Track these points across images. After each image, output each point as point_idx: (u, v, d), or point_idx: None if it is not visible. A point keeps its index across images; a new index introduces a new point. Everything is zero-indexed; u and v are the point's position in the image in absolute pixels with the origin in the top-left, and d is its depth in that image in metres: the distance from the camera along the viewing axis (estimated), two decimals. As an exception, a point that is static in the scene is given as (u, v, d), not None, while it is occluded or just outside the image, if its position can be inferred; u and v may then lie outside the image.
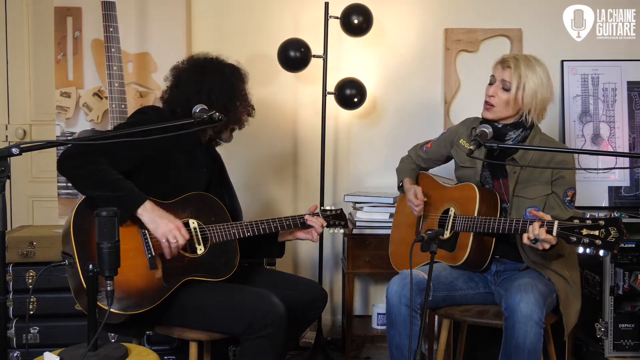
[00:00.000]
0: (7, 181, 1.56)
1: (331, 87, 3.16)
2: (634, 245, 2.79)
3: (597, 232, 1.86)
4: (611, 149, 3.25)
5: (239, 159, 3.44)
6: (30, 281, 2.77)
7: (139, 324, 2.06)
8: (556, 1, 3.39)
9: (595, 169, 3.19)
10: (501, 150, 2.31)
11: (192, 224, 2.14)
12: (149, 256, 2.03)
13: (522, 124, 2.27)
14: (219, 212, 2.23)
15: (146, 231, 2.04)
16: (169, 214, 2.04)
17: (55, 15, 3.20)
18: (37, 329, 2.78)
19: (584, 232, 1.88)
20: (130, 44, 3.21)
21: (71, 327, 2.75)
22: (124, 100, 3.20)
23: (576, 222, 1.91)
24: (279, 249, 2.47)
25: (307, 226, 2.37)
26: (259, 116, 3.40)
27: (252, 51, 3.40)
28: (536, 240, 1.98)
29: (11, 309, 2.76)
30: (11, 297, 2.76)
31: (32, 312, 2.77)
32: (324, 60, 3.12)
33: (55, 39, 3.21)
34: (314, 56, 3.10)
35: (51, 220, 3.33)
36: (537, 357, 2.01)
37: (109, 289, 1.63)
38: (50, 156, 3.24)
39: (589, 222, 1.89)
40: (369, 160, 3.48)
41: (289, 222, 2.32)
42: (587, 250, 1.88)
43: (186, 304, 2.06)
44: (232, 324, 2.03)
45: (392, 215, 2.85)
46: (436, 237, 1.91)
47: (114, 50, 3.19)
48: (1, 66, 3.50)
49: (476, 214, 2.24)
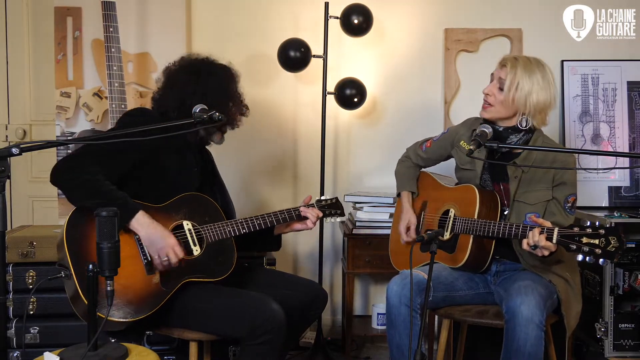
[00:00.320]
0: (7, 181, 1.57)
1: (331, 87, 3.16)
2: (634, 245, 2.79)
3: (597, 241, 1.86)
4: (611, 149, 3.25)
5: (239, 159, 3.44)
6: (30, 281, 2.77)
7: (139, 328, 2.06)
8: (556, 1, 3.39)
9: (595, 169, 3.19)
10: (503, 155, 2.30)
11: (187, 225, 2.13)
12: (145, 262, 2.02)
13: (522, 127, 2.24)
14: (212, 212, 2.22)
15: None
16: (164, 229, 2.02)
17: (55, 15, 3.20)
18: (37, 329, 2.77)
19: (584, 240, 1.88)
20: (130, 44, 3.21)
21: (71, 327, 2.74)
22: (124, 100, 3.20)
23: (576, 230, 1.90)
24: (276, 243, 2.46)
25: (302, 218, 2.34)
26: (259, 116, 3.43)
27: (252, 51, 3.40)
28: (535, 246, 1.97)
29: (11, 309, 2.75)
30: (11, 297, 2.75)
31: (32, 312, 2.77)
32: (324, 60, 3.12)
33: (55, 39, 3.21)
34: (314, 56, 3.10)
35: (51, 220, 3.33)
36: (539, 359, 2.01)
37: (109, 289, 1.63)
38: (50, 156, 3.24)
39: (589, 230, 1.88)
40: (369, 160, 3.48)
41: (284, 216, 2.30)
42: (587, 258, 1.87)
43: (186, 307, 2.06)
44: (232, 329, 2.03)
45: (392, 215, 2.85)
46: (436, 238, 1.91)
47: (114, 50, 3.19)
48: (1, 66, 3.50)
49: (476, 216, 2.24)
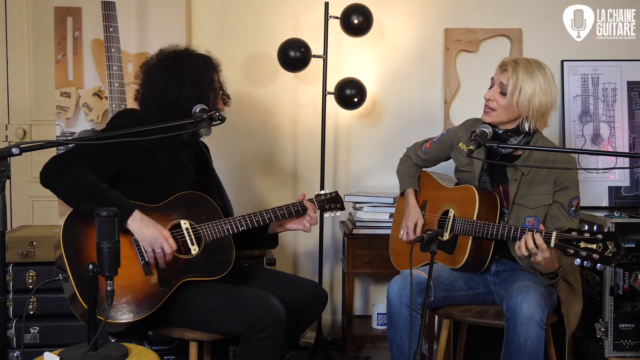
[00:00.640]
0: (7, 181, 1.57)
1: (331, 87, 3.16)
2: (634, 245, 2.79)
3: (594, 246, 1.86)
4: (611, 149, 3.25)
5: (239, 159, 3.44)
6: (30, 281, 2.77)
7: (139, 329, 2.06)
8: (556, 1, 3.39)
9: (595, 169, 3.20)
10: (503, 158, 2.29)
11: (184, 224, 2.12)
12: (143, 262, 2.02)
13: (524, 130, 2.23)
14: (210, 210, 2.21)
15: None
16: (157, 224, 2.02)
17: (55, 15, 3.20)
18: (37, 329, 2.78)
19: (582, 245, 1.88)
20: (130, 44, 3.21)
21: (71, 327, 2.74)
22: (124, 100, 3.20)
23: (574, 234, 1.90)
24: (273, 240, 2.45)
25: (298, 215, 2.33)
26: (259, 116, 3.44)
27: (252, 51, 3.40)
28: (529, 256, 1.97)
29: (11, 309, 2.76)
30: (11, 297, 2.76)
31: (32, 312, 2.77)
32: (324, 60, 3.12)
33: (55, 39, 3.21)
34: (314, 56, 3.10)
35: (51, 220, 3.33)
36: (539, 358, 2.01)
37: (109, 289, 1.63)
38: (50, 156, 3.22)
39: (587, 235, 1.88)
40: (369, 160, 3.48)
41: (283, 212, 2.29)
42: (585, 263, 1.87)
43: (186, 306, 2.06)
44: (232, 326, 2.02)
45: (392, 215, 2.85)
46: (436, 238, 1.91)
47: (114, 50, 3.19)
48: (1, 66, 3.50)
49: (475, 217, 2.24)
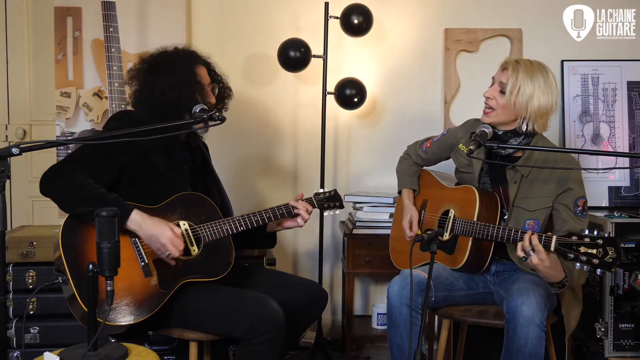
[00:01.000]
0: (7, 181, 1.57)
1: (331, 87, 3.15)
2: (634, 245, 2.79)
3: (594, 251, 1.86)
4: (611, 149, 3.25)
5: (239, 159, 3.44)
6: (30, 281, 2.77)
7: (139, 331, 2.06)
8: (556, 1, 3.39)
9: (595, 169, 3.20)
10: (502, 159, 2.29)
11: (183, 225, 2.12)
12: (142, 264, 2.02)
13: (522, 131, 2.21)
14: (209, 210, 2.21)
15: (137, 239, 2.03)
16: (160, 221, 2.01)
17: (55, 15, 3.20)
18: (37, 329, 2.77)
19: (582, 249, 1.88)
20: (130, 44, 3.21)
21: (71, 327, 2.74)
22: (124, 100, 3.20)
23: (574, 238, 1.90)
24: (271, 239, 2.45)
25: (296, 214, 2.33)
26: (259, 116, 3.44)
27: (252, 51, 3.40)
28: (526, 257, 1.97)
29: (11, 309, 2.76)
30: (11, 297, 2.76)
31: (32, 312, 2.77)
32: (324, 60, 3.12)
33: (55, 39, 3.21)
34: (314, 56, 3.10)
35: (51, 220, 3.33)
36: (539, 359, 2.00)
37: (109, 289, 1.63)
38: (50, 156, 3.24)
39: (587, 240, 1.87)
40: (369, 160, 3.48)
41: (282, 211, 2.29)
42: (585, 267, 1.88)
43: (186, 307, 2.06)
44: (232, 329, 2.02)
45: (392, 215, 2.85)
46: (436, 238, 1.91)
47: (114, 50, 3.19)
48: (1, 66, 3.50)
49: (476, 218, 2.23)
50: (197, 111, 2.09)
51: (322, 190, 2.44)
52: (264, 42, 3.34)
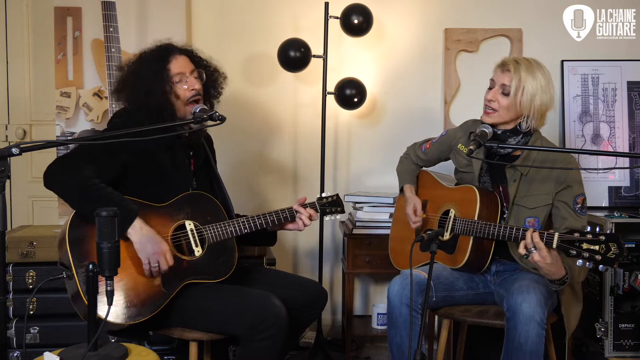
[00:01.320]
0: (7, 181, 1.57)
1: (331, 87, 3.15)
2: (634, 245, 2.79)
3: (597, 247, 1.86)
4: (611, 149, 3.25)
5: (238, 159, 3.44)
6: (30, 281, 2.77)
7: (140, 330, 2.06)
8: (556, 1, 3.39)
9: (595, 169, 3.20)
10: (502, 158, 2.29)
11: (189, 225, 2.12)
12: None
13: (521, 130, 2.23)
14: (214, 211, 2.21)
15: None
16: (157, 236, 2.00)
17: (55, 15, 3.20)
18: (37, 329, 2.77)
19: (584, 246, 1.88)
20: (130, 44, 3.21)
21: (71, 327, 2.75)
22: (124, 100, 3.20)
23: (576, 235, 1.90)
24: (272, 238, 2.46)
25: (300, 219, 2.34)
26: (259, 116, 3.44)
27: (252, 51, 3.40)
28: (528, 254, 1.97)
29: (11, 309, 2.76)
30: (11, 297, 2.76)
31: (32, 312, 2.77)
32: (324, 60, 3.12)
33: (55, 39, 3.21)
34: (314, 56, 3.10)
35: (51, 220, 3.33)
36: (539, 357, 2.01)
37: (108, 289, 1.63)
38: (50, 156, 3.23)
39: (590, 236, 1.88)
40: (369, 160, 3.48)
41: (286, 215, 2.30)
42: (587, 264, 1.88)
43: (187, 307, 2.06)
44: (233, 326, 2.02)
45: (391, 215, 2.85)
46: (436, 237, 1.91)
47: (114, 50, 3.19)
48: (1, 66, 3.50)
49: (476, 217, 2.23)
50: (197, 111, 2.09)
51: (324, 194, 2.44)
52: (264, 42, 3.34)
